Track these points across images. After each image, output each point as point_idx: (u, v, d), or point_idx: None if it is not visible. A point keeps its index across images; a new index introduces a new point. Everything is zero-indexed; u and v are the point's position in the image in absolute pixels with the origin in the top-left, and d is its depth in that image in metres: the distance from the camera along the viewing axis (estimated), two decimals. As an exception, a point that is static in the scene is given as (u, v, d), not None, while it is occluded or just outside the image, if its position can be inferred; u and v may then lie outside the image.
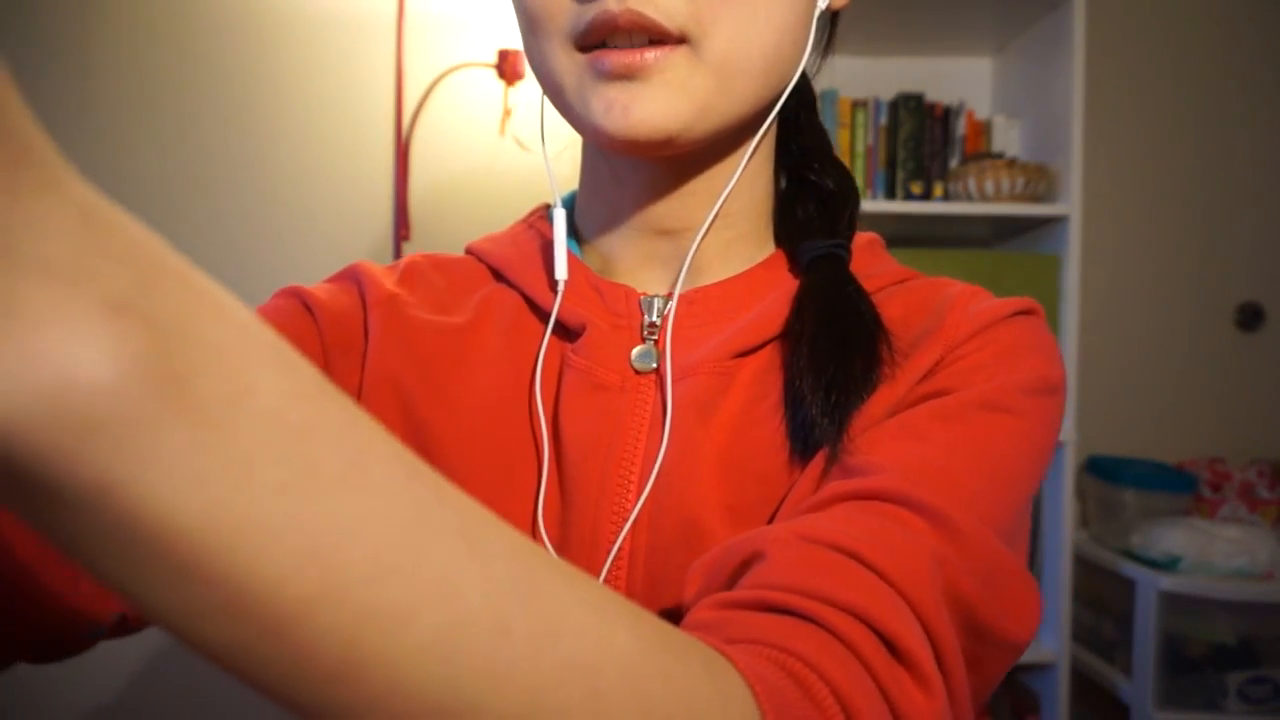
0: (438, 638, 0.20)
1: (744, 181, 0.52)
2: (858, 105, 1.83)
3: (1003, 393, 0.44)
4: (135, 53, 1.87)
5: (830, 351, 0.46)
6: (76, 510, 0.17)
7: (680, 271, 0.52)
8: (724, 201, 0.51)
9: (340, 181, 1.90)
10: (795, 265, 0.53)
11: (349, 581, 0.19)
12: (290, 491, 0.18)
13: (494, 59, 1.87)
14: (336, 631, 0.19)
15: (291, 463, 0.18)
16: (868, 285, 0.51)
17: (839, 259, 0.51)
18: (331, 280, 0.55)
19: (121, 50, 1.87)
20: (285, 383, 0.19)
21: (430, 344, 0.51)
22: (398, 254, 1.88)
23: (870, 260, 0.53)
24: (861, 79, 1.93)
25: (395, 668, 0.20)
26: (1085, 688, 1.75)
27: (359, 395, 0.50)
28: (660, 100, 0.44)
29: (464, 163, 1.91)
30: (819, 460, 0.44)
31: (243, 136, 1.89)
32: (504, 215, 1.88)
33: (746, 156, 0.51)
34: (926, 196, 1.80)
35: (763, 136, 0.52)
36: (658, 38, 0.44)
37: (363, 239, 1.90)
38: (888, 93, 1.87)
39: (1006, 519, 0.42)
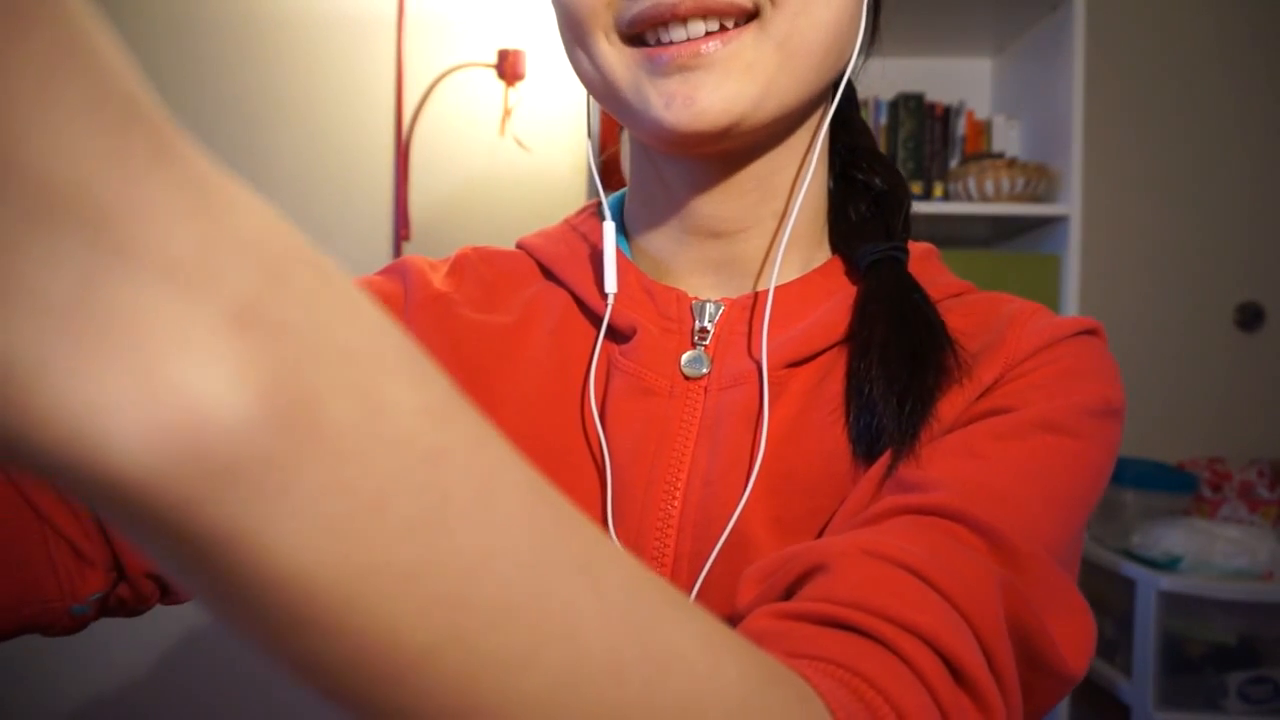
0: (555, 682, 0.19)
1: (801, 179, 0.51)
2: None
3: (1063, 413, 0.43)
4: (135, 52, 1.86)
5: (903, 360, 0.45)
6: (194, 558, 0.15)
7: (736, 276, 0.51)
8: (779, 201, 0.50)
9: (340, 181, 1.90)
10: (852, 270, 0.51)
11: (473, 626, 0.17)
12: (423, 530, 0.16)
13: (494, 59, 1.86)
14: (454, 678, 0.18)
15: (425, 496, 0.16)
16: None
17: (898, 262, 0.50)
18: (379, 273, 0.55)
19: (121, 50, 1.86)
20: (418, 397, 0.17)
21: (476, 344, 0.50)
22: (397, 254, 1.88)
23: (927, 272, 0.52)
24: (862, 79, 1.92)
25: (509, 715, 0.18)
26: (1085, 688, 1.75)
27: None
28: (726, 86, 0.43)
29: (464, 163, 1.91)
30: (872, 473, 0.43)
31: (243, 136, 1.89)
32: (504, 215, 1.89)
33: (817, 148, 0.50)
34: (926, 197, 1.80)
35: (823, 128, 0.51)
36: (715, 24, 0.43)
37: (363, 239, 1.90)
38: (888, 93, 1.87)
39: (1063, 542, 0.41)
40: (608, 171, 1.47)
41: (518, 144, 1.89)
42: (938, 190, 1.80)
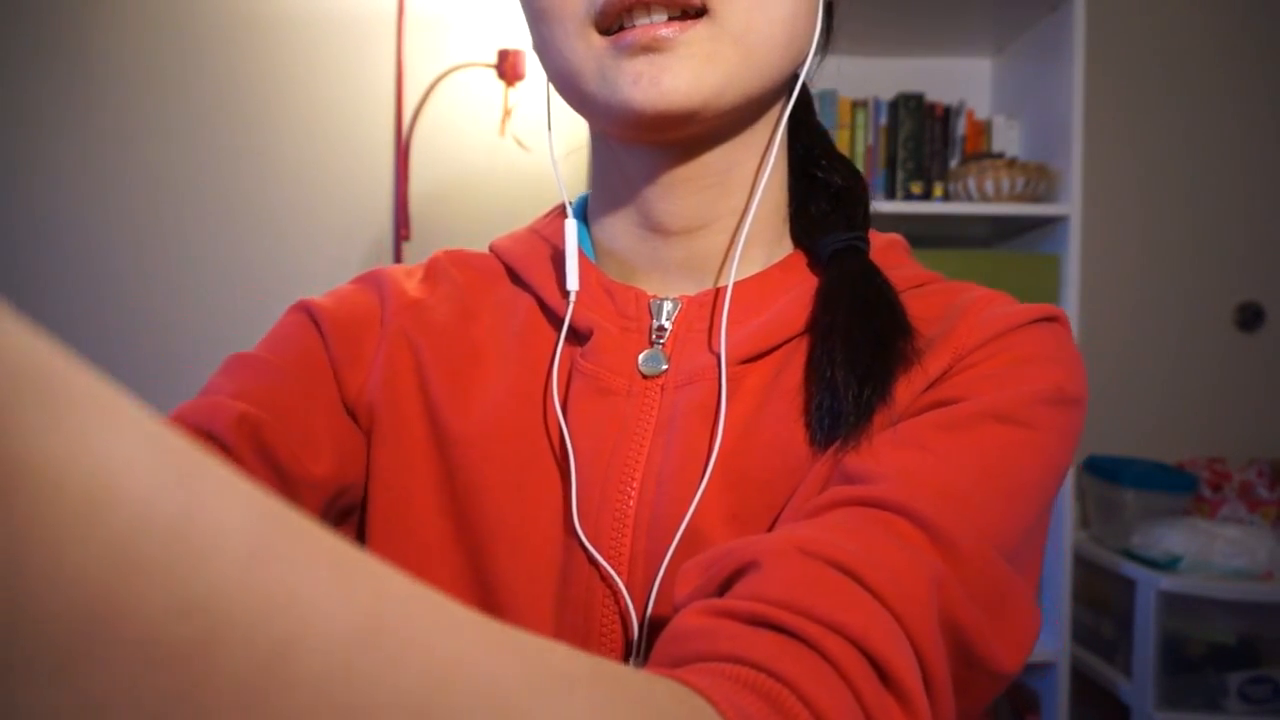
0: None
1: (761, 175, 0.51)
2: (858, 105, 1.83)
3: (1014, 403, 0.42)
4: (136, 53, 1.87)
5: (866, 343, 0.45)
6: None
7: (698, 274, 0.51)
8: (738, 197, 0.50)
9: (340, 181, 1.90)
10: (814, 263, 0.52)
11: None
12: None
13: (494, 59, 1.87)
14: None
15: None
16: None
17: (860, 251, 0.50)
18: (353, 282, 0.55)
19: (123, 50, 1.86)
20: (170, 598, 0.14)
21: (449, 349, 0.51)
22: (397, 254, 1.89)
23: (890, 262, 0.52)
24: (861, 79, 1.93)
25: None
26: (1085, 688, 1.75)
27: (369, 393, 0.50)
28: (688, 70, 0.44)
29: (464, 163, 1.91)
30: (821, 465, 0.43)
31: (243, 136, 1.89)
32: (504, 215, 1.89)
33: (776, 143, 0.50)
34: (926, 197, 1.80)
35: (782, 124, 0.51)
36: (678, 13, 0.44)
37: (363, 239, 1.91)
38: (888, 93, 1.87)
39: (1013, 536, 0.40)
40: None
41: (517, 144, 1.89)
42: (938, 190, 1.80)
